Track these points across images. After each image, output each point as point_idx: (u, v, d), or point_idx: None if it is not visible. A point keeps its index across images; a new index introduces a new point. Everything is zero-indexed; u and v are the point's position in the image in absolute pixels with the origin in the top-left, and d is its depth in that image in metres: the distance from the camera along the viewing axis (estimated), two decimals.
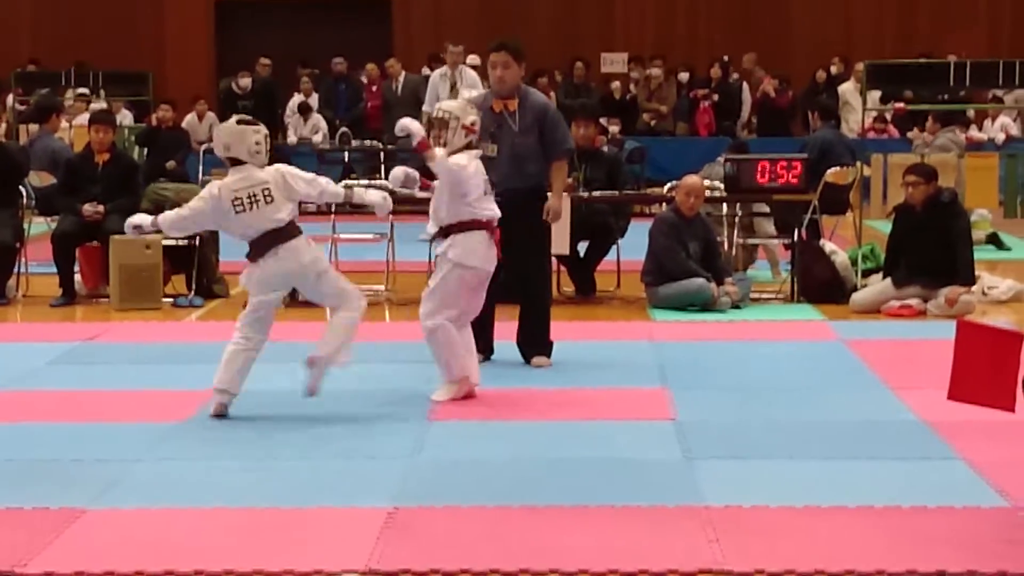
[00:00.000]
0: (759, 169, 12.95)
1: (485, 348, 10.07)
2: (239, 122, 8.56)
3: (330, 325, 8.58)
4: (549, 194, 10.02)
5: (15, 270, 13.16)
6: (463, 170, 8.80)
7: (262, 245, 8.41)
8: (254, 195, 8.39)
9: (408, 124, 8.72)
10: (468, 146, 8.93)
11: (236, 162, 8.47)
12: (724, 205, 13.74)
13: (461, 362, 8.90)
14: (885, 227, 13.37)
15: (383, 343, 10.34)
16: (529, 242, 9.84)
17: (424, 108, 18.26)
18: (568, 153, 10.24)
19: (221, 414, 8.42)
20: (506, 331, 10.14)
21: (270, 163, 8.60)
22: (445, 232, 8.88)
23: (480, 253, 8.88)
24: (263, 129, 8.60)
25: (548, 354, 10.07)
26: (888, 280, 12.42)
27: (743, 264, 14.05)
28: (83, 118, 20.44)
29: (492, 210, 8.96)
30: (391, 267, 13.45)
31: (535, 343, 10.05)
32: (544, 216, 9.91)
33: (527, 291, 10.10)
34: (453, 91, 18.42)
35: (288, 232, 8.43)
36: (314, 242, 8.65)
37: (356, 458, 7.57)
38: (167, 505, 6.69)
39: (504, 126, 9.88)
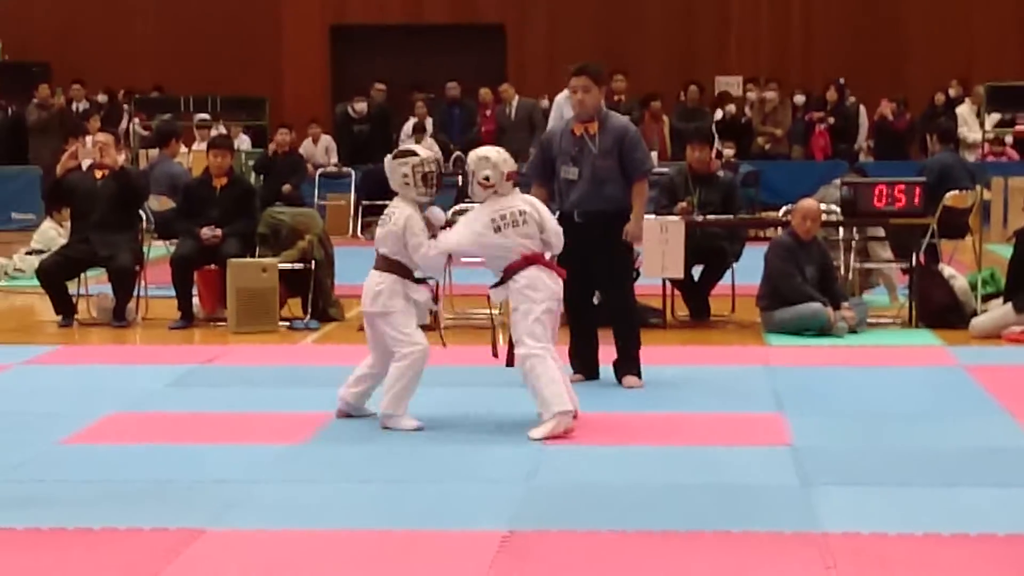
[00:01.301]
0: (876, 193, 12.83)
1: (590, 371, 10.13)
2: (394, 156, 8.88)
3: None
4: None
5: (135, 293, 13.32)
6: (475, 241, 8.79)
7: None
8: (386, 217, 8.78)
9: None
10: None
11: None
12: (840, 229, 13.62)
13: (561, 394, 8.58)
14: (1006, 251, 13.20)
15: (497, 367, 10.33)
16: (611, 263, 9.97)
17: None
18: (648, 174, 10.25)
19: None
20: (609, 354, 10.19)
21: (380, 186, 8.81)
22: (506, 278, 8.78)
23: (545, 279, 8.77)
24: (411, 160, 8.81)
25: (638, 374, 10.06)
26: (1009, 305, 12.23)
27: (860, 289, 13.92)
28: (202, 143, 20.71)
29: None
30: None
31: (623, 363, 10.08)
32: (624, 237, 9.93)
33: (611, 312, 10.16)
34: None
35: (379, 263, 8.76)
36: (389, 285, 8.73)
37: (472, 481, 7.58)
38: (285, 527, 6.72)
39: (584, 149, 9.95)
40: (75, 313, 13.24)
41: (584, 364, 10.16)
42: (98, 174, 13.27)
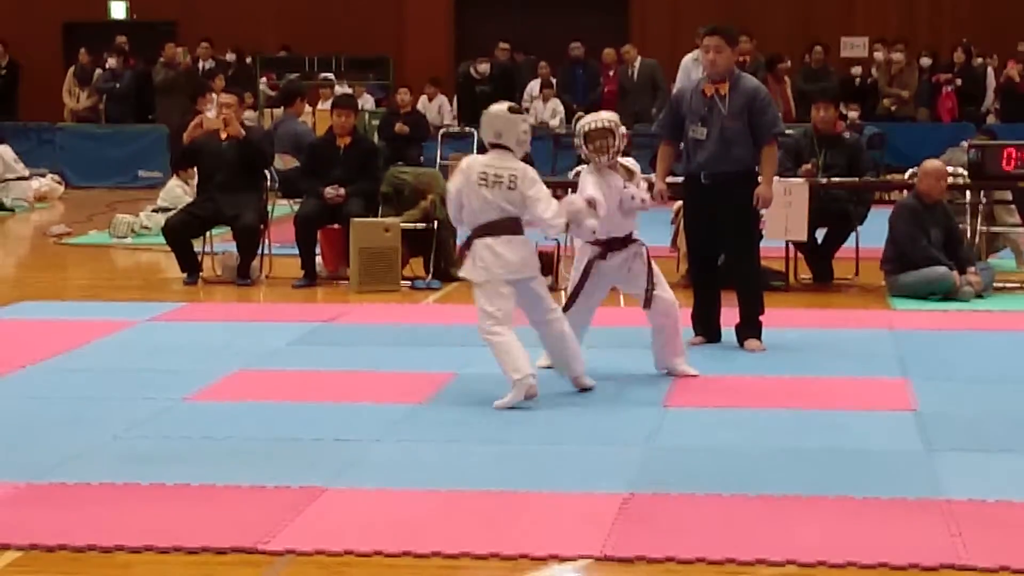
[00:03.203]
0: (1005, 156, 12.63)
1: (712, 334, 10.10)
2: (511, 110, 8.63)
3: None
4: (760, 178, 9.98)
5: (259, 251, 13.43)
6: None
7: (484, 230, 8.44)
8: (500, 176, 8.40)
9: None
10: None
11: (501, 148, 8.52)
12: (967, 192, 13.42)
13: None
14: None
15: (617, 328, 10.32)
16: (737, 226, 9.92)
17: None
18: (777, 137, 10.17)
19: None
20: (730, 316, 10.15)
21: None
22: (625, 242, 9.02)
23: None
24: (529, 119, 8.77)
25: (759, 336, 9.99)
26: None
27: (985, 253, 13.72)
28: (326, 102, 20.80)
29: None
30: None
31: (745, 326, 10.03)
32: (754, 203, 9.85)
33: (736, 275, 10.10)
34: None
35: (513, 226, 8.45)
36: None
37: (592, 443, 7.57)
38: (405, 486, 6.75)
39: (714, 109, 9.90)
40: (200, 271, 13.37)
41: (706, 326, 10.13)
42: (223, 135, 13.38)
